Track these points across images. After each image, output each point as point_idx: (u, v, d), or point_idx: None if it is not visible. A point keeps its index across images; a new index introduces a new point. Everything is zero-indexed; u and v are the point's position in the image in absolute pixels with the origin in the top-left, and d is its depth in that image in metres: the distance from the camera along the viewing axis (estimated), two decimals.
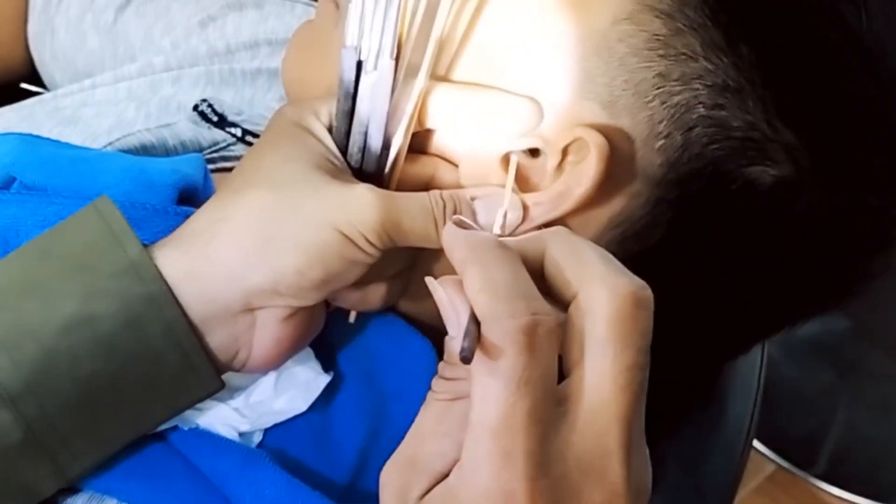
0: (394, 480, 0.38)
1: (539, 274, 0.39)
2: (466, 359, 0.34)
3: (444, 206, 0.45)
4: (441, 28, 0.46)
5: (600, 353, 0.35)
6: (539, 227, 0.46)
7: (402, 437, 0.47)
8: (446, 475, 0.37)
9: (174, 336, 0.42)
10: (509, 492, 0.34)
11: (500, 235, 0.45)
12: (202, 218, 0.44)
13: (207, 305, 0.43)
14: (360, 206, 0.43)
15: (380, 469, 0.48)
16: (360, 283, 0.47)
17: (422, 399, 0.45)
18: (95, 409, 0.42)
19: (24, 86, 0.79)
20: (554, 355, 0.35)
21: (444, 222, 0.45)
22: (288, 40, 0.57)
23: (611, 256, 0.38)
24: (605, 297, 0.36)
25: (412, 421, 0.47)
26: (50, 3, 0.81)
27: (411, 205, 0.45)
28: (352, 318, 0.50)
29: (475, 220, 0.45)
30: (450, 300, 0.37)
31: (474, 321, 0.35)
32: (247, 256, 0.43)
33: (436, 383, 0.39)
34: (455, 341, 0.36)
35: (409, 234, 0.45)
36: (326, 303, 0.48)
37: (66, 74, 0.81)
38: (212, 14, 0.75)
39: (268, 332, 0.44)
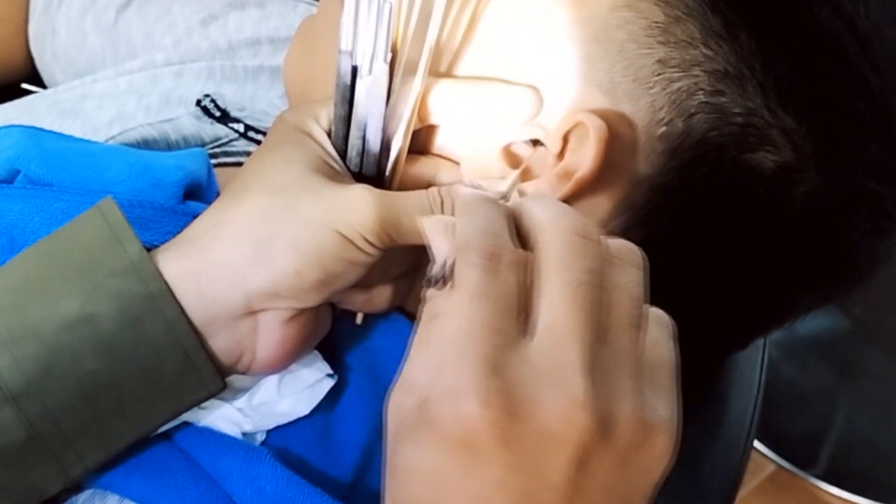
0: (391, 402, 0.39)
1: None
2: (433, 282, 0.39)
3: (442, 203, 0.45)
4: (437, 27, 0.46)
5: (550, 274, 0.38)
6: None
7: None
8: None
9: (174, 335, 0.42)
10: (462, 390, 0.36)
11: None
12: (203, 222, 0.44)
13: (209, 308, 0.43)
14: (358, 207, 0.43)
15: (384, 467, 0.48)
16: (366, 284, 0.47)
17: None
18: (98, 409, 0.42)
19: (24, 86, 0.79)
20: (514, 282, 0.38)
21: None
22: (290, 38, 0.57)
23: (565, 206, 0.41)
24: (552, 231, 0.39)
25: None
26: (51, 4, 0.81)
27: (409, 203, 0.45)
28: (359, 319, 0.50)
29: None
30: (431, 231, 0.41)
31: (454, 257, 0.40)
32: (245, 259, 0.43)
33: (420, 310, 0.41)
34: (434, 268, 0.40)
35: (409, 233, 0.45)
36: (333, 305, 0.48)
37: (67, 74, 0.82)
38: (213, 13, 0.75)
39: (271, 334, 0.44)
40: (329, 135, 0.47)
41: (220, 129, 0.66)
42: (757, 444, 1.54)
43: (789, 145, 0.46)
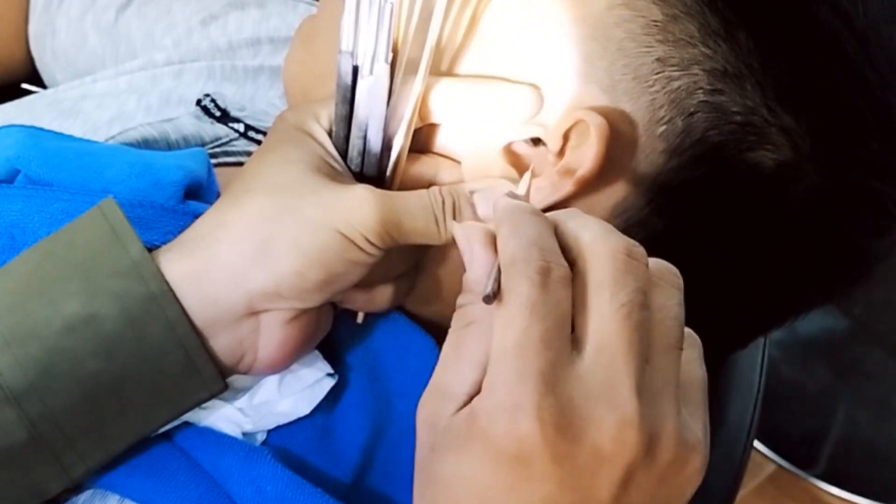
0: (425, 410, 0.40)
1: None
2: (489, 298, 0.38)
3: (444, 203, 0.45)
4: (438, 26, 0.46)
5: (600, 293, 0.38)
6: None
7: (407, 434, 0.48)
8: (470, 397, 0.39)
9: (176, 336, 0.42)
10: (518, 406, 0.36)
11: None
12: (204, 223, 0.44)
13: (210, 308, 0.43)
14: (359, 207, 0.43)
15: (384, 467, 0.48)
16: (367, 284, 0.47)
17: None
18: (99, 409, 0.42)
19: (25, 86, 0.79)
20: (565, 299, 0.38)
21: (445, 218, 0.45)
22: (290, 38, 0.57)
23: (609, 225, 0.41)
24: (601, 250, 0.39)
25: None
26: (51, 4, 0.81)
27: (410, 203, 0.45)
28: (360, 318, 0.50)
29: (475, 214, 0.46)
30: (466, 239, 0.41)
31: (498, 269, 0.39)
32: (247, 259, 0.43)
33: (453, 316, 0.41)
34: (471, 276, 0.40)
35: (410, 233, 0.45)
36: (334, 305, 0.48)
37: (67, 74, 0.81)
38: (213, 13, 0.75)
39: (272, 334, 0.45)
40: (330, 134, 0.47)
41: (221, 129, 0.66)
42: (757, 444, 1.54)
43: (788, 144, 0.46)
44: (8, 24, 0.83)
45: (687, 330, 0.41)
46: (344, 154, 0.47)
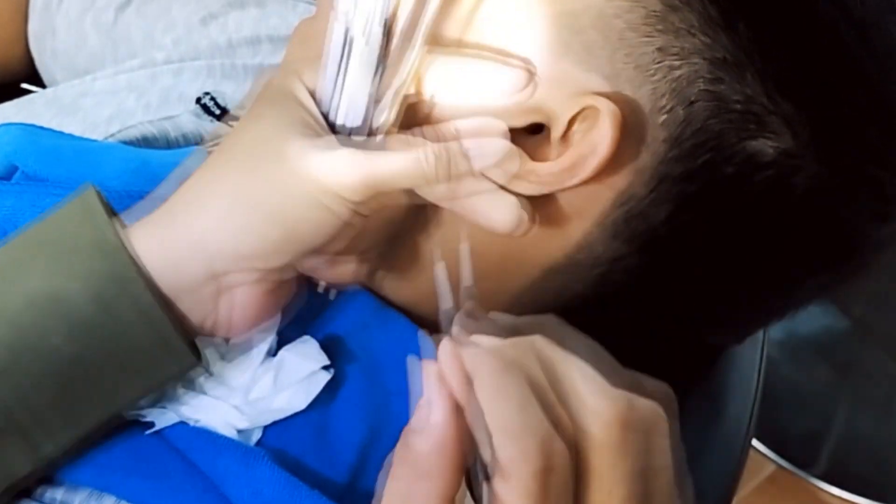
0: None
1: None
2: (477, 474, 0.35)
3: (435, 162, 0.44)
4: (436, 3, 0.45)
5: (597, 486, 0.36)
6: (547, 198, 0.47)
7: None
8: None
9: (141, 309, 0.42)
10: None
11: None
12: (178, 193, 0.45)
13: (174, 275, 0.43)
14: (338, 168, 0.43)
15: (380, 468, 0.48)
16: (334, 255, 0.47)
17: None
18: (66, 384, 0.42)
19: (24, 86, 0.79)
20: (566, 488, 0.36)
21: (438, 178, 0.44)
22: (290, 38, 0.57)
23: (598, 356, 0.38)
24: (593, 426, 0.36)
25: None
26: (50, 3, 0.81)
27: (395, 163, 0.44)
28: (332, 295, 0.51)
29: (471, 168, 0.45)
30: (427, 381, 0.38)
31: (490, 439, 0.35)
32: (209, 223, 0.43)
33: (397, 455, 0.38)
34: (428, 417, 0.37)
35: (396, 177, 0.44)
36: (313, 285, 0.48)
37: (67, 74, 0.82)
38: (213, 12, 0.75)
39: (236, 297, 0.45)
40: (313, 95, 0.47)
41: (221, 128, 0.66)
42: (757, 444, 1.54)
43: (789, 132, 0.46)
44: (7, 24, 0.83)
45: (657, 409, 0.38)
46: (333, 125, 0.46)
